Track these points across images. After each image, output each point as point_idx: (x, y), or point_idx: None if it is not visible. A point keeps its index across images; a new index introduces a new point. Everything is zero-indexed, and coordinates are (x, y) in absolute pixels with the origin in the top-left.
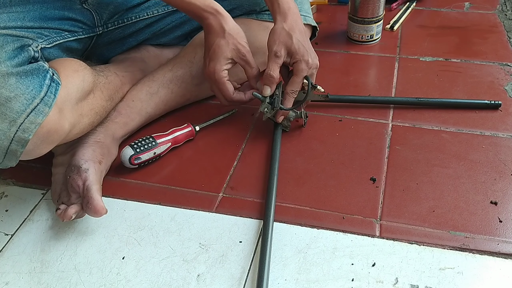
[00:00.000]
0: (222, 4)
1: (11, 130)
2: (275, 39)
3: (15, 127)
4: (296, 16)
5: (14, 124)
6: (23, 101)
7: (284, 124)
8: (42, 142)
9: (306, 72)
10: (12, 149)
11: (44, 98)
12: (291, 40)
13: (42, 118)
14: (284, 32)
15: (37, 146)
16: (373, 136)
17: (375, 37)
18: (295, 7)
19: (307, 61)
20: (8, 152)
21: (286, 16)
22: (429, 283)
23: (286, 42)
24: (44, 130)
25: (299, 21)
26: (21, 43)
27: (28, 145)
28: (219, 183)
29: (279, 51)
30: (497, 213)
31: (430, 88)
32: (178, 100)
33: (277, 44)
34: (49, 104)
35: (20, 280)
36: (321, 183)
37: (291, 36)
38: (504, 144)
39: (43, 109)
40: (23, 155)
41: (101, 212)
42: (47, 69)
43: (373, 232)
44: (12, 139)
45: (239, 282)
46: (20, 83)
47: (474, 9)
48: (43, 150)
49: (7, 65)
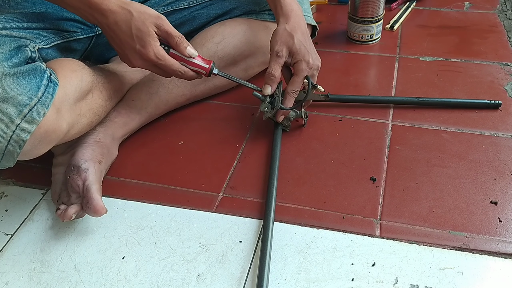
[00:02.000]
0: (222, 4)
1: (8, 131)
2: (277, 39)
3: (12, 127)
4: (298, 18)
5: (11, 124)
6: (20, 101)
7: (284, 124)
8: (39, 142)
9: (306, 72)
10: (9, 149)
11: (41, 98)
12: (293, 40)
13: (40, 118)
14: (286, 33)
15: (35, 147)
16: (373, 136)
17: (375, 37)
18: (298, 9)
19: (307, 62)
20: (6, 152)
21: (288, 18)
22: (429, 283)
23: (287, 42)
24: (41, 130)
25: (302, 23)
26: (18, 44)
27: (26, 146)
28: (219, 183)
29: (280, 51)
30: (497, 213)
31: (430, 88)
32: (178, 100)
33: (278, 44)
34: (47, 105)
35: (20, 280)
36: (321, 183)
37: (292, 36)
38: (504, 144)
39: (40, 110)
40: (20, 155)
41: (101, 212)
42: (44, 69)
43: (373, 232)
44: (10, 140)
45: (239, 282)
46: (17, 83)
47: (474, 8)
48: (41, 151)
49: (3, 65)
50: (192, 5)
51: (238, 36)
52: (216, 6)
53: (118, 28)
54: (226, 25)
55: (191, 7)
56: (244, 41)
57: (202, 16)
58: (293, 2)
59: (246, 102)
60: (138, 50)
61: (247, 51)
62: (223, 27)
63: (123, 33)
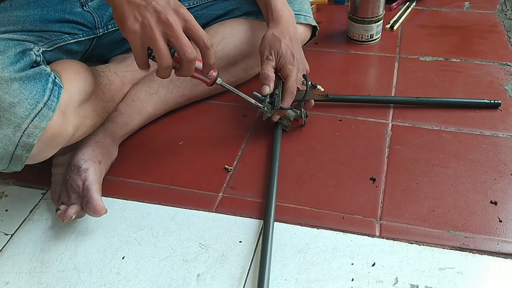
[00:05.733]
0: (223, 5)
1: (15, 136)
2: (266, 44)
3: (19, 132)
4: (288, 24)
5: (19, 129)
6: (27, 106)
7: (284, 124)
8: (46, 146)
9: (294, 74)
10: (17, 154)
11: (48, 102)
12: (280, 44)
13: (46, 122)
14: (273, 38)
15: (42, 150)
16: (373, 136)
17: (375, 36)
18: (289, 15)
19: (293, 64)
20: (14, 157)
21: (278, 23)
22: (429, 283)
23: (274, 46)
24: (48, 134)
25: (291, 28)
26: (23, 48)
27: (33, 150)
28: (219, 183)
29: (269, 55)
30: (497, 213)
31: (430, 88)
32: (178, 100)
33: (267, 49)
34: (53, 108)
35: (20, 280)
36: (321, 183)
37: (280, 41)
38: (504, 144)
39: (47, 113)
40: (28, 159)
41: (101, 212)
42: (49, 73)
43: (373, 232)
44: (17, 144)
45: (239, 282)
46: (23, 88)
47: (474, 8)
48: (48, 154)
49: (9, 70)
50: (192, 6)
51: (238, 36)
52: (216, 7)
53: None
54: (226, 25)
55: (191, 7)
56: (244, 41)
57: (203, 16)
58: (284, 7)
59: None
60: (171, 4)
61: (247, 51)
62: (223, 27)
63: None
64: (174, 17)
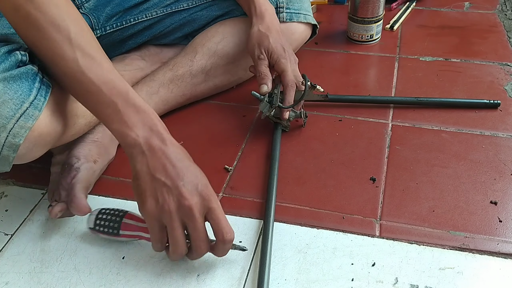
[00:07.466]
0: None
1: (1, 136)
2: (254, 43)
3: (5, 132)
4: (272, 17)
5: (4, 130)
6: (12, 106)
7: (283, 124)
8: (34, 145)
9: (289, 67)
10: (4, 154)
11: (34, 101)
12: (268, 40)
13: (32, 122)
14: (260, 34)
15: (30, 150)
16: (373, 136)
17: (375, 37)
18: (271, 9)
19: (285, 57)
20: (0, 157)
21: (263, 17)
22: (429, 283)
23: (263, 43)
24: (35, 133)
25: (275, 22)
26: (9, 48)
27: (20, 150)
28: (219, 183)
29: (260, 54)
30: (497, 213)
31: (430, 88)
32: (178, 100)
33: (256, 48)
34: (39, 108)
35: (20, 280)
36: (321, 183)
37: (267, 36)
38: (504, 144)
39: (33, 113)
40: (16, 159)
41: (83, 210)
42: (36, 72)
43: (373, 232)
44: (3, 145)
45: (239, 282)
46: (8, 88)
47: (474, 9)
48: (37, 154)
49: None
50: (191, 6)
51: (238, 35)
52: (215, 7)
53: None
54: (226, 24)
55: (191, 8)
56: (245, 40)
57: (202, 17)
58: (266, 2)
59: (246, 102)
60: (199, 188)
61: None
62: (223, 26)
63: (180, 162)
64: (198, 206)
